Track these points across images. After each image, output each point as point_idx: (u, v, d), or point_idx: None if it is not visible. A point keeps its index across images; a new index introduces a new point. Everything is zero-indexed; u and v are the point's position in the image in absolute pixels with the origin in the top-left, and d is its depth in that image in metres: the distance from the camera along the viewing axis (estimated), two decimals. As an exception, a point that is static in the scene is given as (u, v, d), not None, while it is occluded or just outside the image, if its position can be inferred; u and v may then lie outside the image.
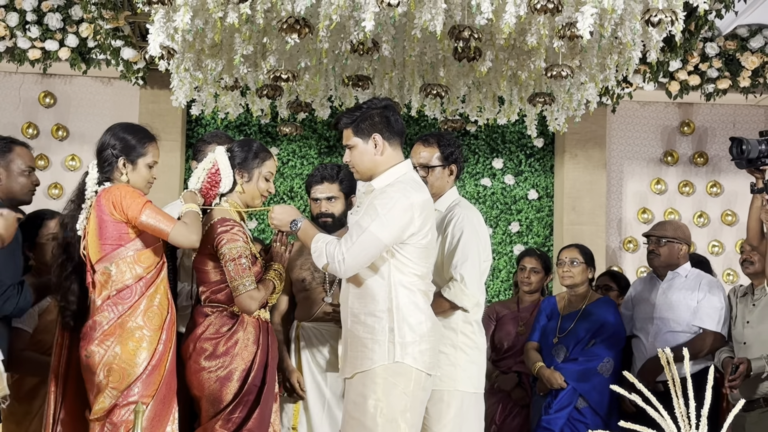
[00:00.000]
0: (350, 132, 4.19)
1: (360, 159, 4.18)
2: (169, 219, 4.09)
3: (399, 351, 4.01)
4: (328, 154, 8.23)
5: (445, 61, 5.69)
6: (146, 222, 4.05)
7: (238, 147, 4.47)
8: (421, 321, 4.08)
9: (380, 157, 4.16)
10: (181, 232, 4.09)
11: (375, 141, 4.15)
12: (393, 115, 4.21)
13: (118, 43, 7.17)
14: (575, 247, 6.17)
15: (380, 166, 4.17)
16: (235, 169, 4.42)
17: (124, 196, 4.07)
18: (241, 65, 5.59)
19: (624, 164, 8.49)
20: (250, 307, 4.21)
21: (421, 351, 4.05)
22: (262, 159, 4.47)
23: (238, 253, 4.20)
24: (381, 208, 4.00)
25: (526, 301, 6.48)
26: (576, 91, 5.96)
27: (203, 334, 4.26)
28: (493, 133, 8.29)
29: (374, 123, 4.17)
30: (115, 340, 4.04)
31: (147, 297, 4.11)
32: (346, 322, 4.18)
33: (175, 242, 4.12)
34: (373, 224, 3.98)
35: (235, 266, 4.20)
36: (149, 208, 4.07)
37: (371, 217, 3.99)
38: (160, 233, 4.08)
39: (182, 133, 8.00)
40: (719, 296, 5.85)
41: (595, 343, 5.80)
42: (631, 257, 8.42)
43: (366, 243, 3.98)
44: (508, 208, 8.29)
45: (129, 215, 4.05)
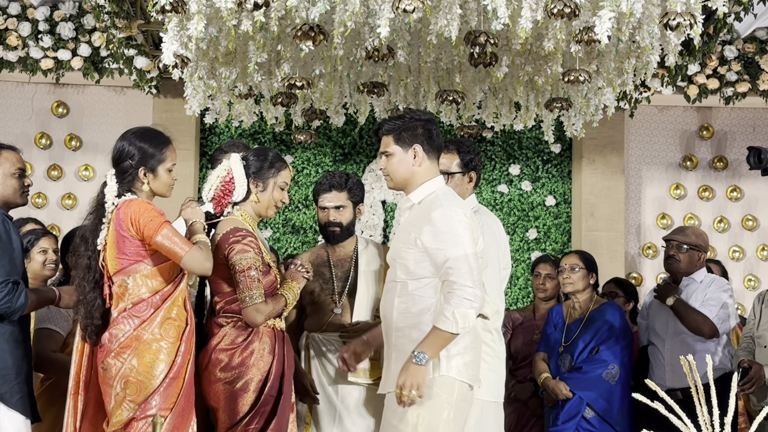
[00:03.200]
0: (391, 139, 4.22)
1: (397, 168, 4.21)
2: (184, 242, 4.06)
3: (444, 364, 4.02)
4: (343, 162, 8.23)
5: (461, 67, 5.69)
6: (161, 243, 4.04)
7: (253, 156, 4.47)
8: (466, 334, 4.08)
9: (418, 168, 4.19)
10: (196, 258, 4.06)
11: (415, 152, 4.19)
12: (435, 130, 4.25)
13: (131, 51, 7.19)
14: (575, 253, 6.18)
15: (416, 178, 4.20)
16: (250, 178, 4.42)
17: (141, 214, 4.05)
18: (255, 73, 5.61)
19: (642, 169, 8.47)
20: (255, 320, 4.21)
21: (465, 363, 4.06)
22: (278, 168, 4.47)
23: (248, 264, 4.20)
24: (448, 227, 4.02)
25: (542, 308, 6.47)
26: (593, 96, 5.95)
27: (218, 345, 4.27)
28: (510, 139, 8.28)
29: (416, 134, 4.20)
30: (132, 352, 4.04)
31: (163, 310, 4.09)
32: (389, 336, 4.18)
33: (187, 268, 4.09)
34: (466, 245, 4.00)
35: (243, 277, 4.20)
36: (166, 228, 4.04)
37: (453, 241, 4.00)
38: (174, 256, 4.06)
39: (196, 142, 8.02)
40: (724, 294, 5.85)
41: (600, 350, 5.79)
42: (651, 263, 8.40)
43: (476, 264, 4.00)
44: (525, 215, 8.27)
45: (145, 234, 4.04)
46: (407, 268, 4.12)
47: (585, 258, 6.05)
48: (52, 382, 4.96)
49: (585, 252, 6.27)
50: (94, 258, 4.18)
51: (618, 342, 5.78)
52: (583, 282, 5.96)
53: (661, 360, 5.90)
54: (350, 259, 5.11)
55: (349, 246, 5.13)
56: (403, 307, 4.12)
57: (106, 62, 7.46)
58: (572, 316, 5.97)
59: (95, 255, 4.17)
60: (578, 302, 5.98)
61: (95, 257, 4.17)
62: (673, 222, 8.37)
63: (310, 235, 8.18)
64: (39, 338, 4.93)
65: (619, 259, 8.08)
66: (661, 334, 5.96)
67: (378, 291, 5.04)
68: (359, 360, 4.72)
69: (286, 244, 8.17)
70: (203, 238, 4.19)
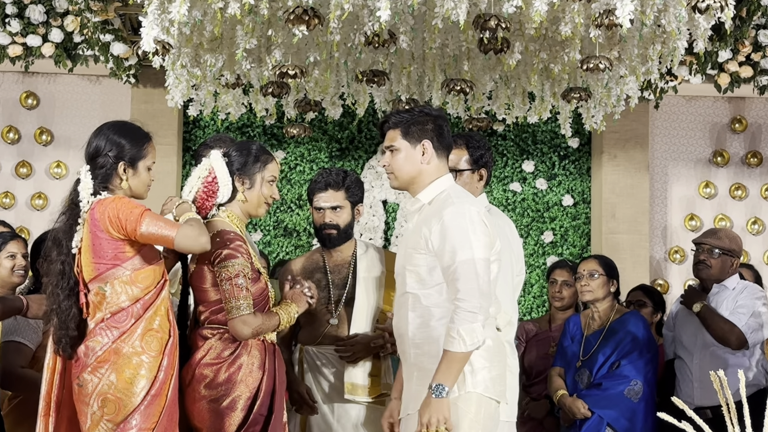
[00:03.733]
0: (398, 133, 4.23)
1: (402, 164, 4.22)
2: (171, 224, 4.07)
3: (470, 380, 4.02)
4: (340, 158, 8.25)
5: (470, 54, 5.70)
6: (147, 232, 4.04)
7: (235, 151, 4.46)
8: (489, 346, 4.09)
9: (426, 166, 4.20)
10: (188, 235, 4.06)
11: (424, 148, 4.20)
12: (446, 127, 4.27)
13: (107, 37, 7.20)
14: (594, 258, 6.18)
15: (424, 177, 4.21)
16: (234, 175, 4.42)
17: (120, 209, 4.05)
18: (243, 60, 5.62)
19: (669, 166, 8.48)
20: (241, 333, 4.20)
21: (492, 378, 4.07)
22: (264, 162, 4.47)
23: (235, 271, 4.20)
24: (457, 227, 4.02)
25: (559, 319, 6.48)
26: (615, 86, 5.96)
27: (203, 359, 4.25)
28: (523, 132, 8.29)
29: (426, 129, 4.21)
30: (110, 367, 4.03)
31: (145, 320, 4.08)
32: (407, 355, 4.18)
33: (182, 248, 4.09)
34: (475, 249, 3.99)
35: (230, 286, 4.19)
36: (147, 216, 4.05)
37: (462, 243, 3.99)
38: (164, 241, 4.07)
39: (178, 137, 8.03)
40: (758, 302, 5.86)
41: (622, 365, 5.79)
42: (678, 269, 8.41)
43: (483, 272, 3.99)
44: (540, 216, 8.29)
45: (128, 229, 4.03)
46: (419, 277, 4.12)
47: (605, 263, 6.06)
48: (21, 400, 4.96)
49: (605, 257, 6.27)
50: (68, 263, 4.17)
51: (641, 355, 5.79)
52: (603, 290, 5.97)
53: (688, 375, 5.91)
54: (348, 264, 5.12)
55: (347, 250, 5.14)
56: (419, 321, 4.12)
57: (80, 49, 7.46)
58: (591, 327, 5.98)
59: (69, 259, 4.17)
60: (598, 312, 5.98)
61: (69, 262, 4.17)
62: (702, 223, 8.38)
63: (303, 238, 8.19)
64: (6, 352, 4.93)
65: (643, 265, 8.09)
66: (689, 347, 5.96)
67: (379, 300, 5.05)
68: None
69: (278, 248, 8.18)
70: (193, 215, 4.20)
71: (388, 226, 8.21)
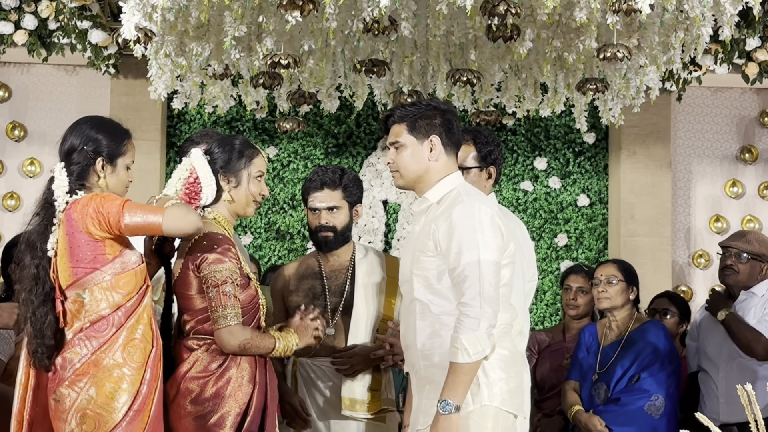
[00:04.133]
0: (403, 128, 4.23)
1: (408, 161, 4.22)
2: (155, 209, 4.06)
3: (486, 392, 4.03)
4: (337, 154, 8.25)
5: (477, 42, 5.70)
6: (132, 222, 4.04)
7: (217, 147, 4.45)
8: (506, 356, 4.10)
9: (434, 163, 4.20)
10: (175, 216, 4.05)
11: (432, 144, 4.20)
12: (456, 122, 4.27)
13: (84, 24, 7.20)
14: (612, 263, 6.18)
15: (431, 175, 4.21)
16: (219, 174, 4.40)
17: (101, 203, 4.05)
18: (232, 49, 5.61)
19: (692, 163, 8.48)
20: (228, 345, 4.19)
21: (510, 390, 4.08)
22: (249, 157, 4.46)
23: (222, 278, 4.19)
24: (466, 226, 4.02)
25: (574, 328, 6.48)
26: (634, 76, 5.96)
27: (188, 372, 4.25)
28: (535, 127, 8.30)
29: (434, 124, 4.22)
30: (89, 380, 4.03)
31: (127, 329, 4.08)
32: (416, 368, 4.18)
33: (172, 231, 4.08)
34: (483, 250, 3.99)
35: (217, 294, 4.18)
36: (129, 205, 4.04)
37: (469, 244, 3.99)
38: (152, 228, 4.06)
39: (162, 132, 8.03)
40: None
41: (642, 378, 5.79)
42: (702, 274, 8.41)
43: (489, 276, 3.98)
44: (553, 217, 8.29)
45: (112, 223, 4.03)
46: (428, 282, 4.12)
47: (624, 269, 6.05)
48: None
49: (624, 262, 6.27)
50: (43, 267, 4.16)
51: (663, 368, 5.79)
52: (622, 297, 5.96)
53: (713, 389, 5.91)
54: (346, 269, 5.12)
55: (345, 254, 5.14)
56: (428, 331, 4.12)
57: (55, 36, 7.46)
58: (608, 338, 5.98)
59: (45, 263, 4.17)
60: (615, 321, 5.98)
61: (45, 266, 4.16)
62: (729, 225, 8.38)
63: (297, 241, 8.19)
64: (-25, 366, 4.94)
65: (664, 270, 8.09)
66: (714, 359, 5.96)
67: (379, 308, 5.05)
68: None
69: (270, 252, 8.18)
70: (175, 201, 4.20)
71: (388, 228, 8.20)
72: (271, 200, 8.19)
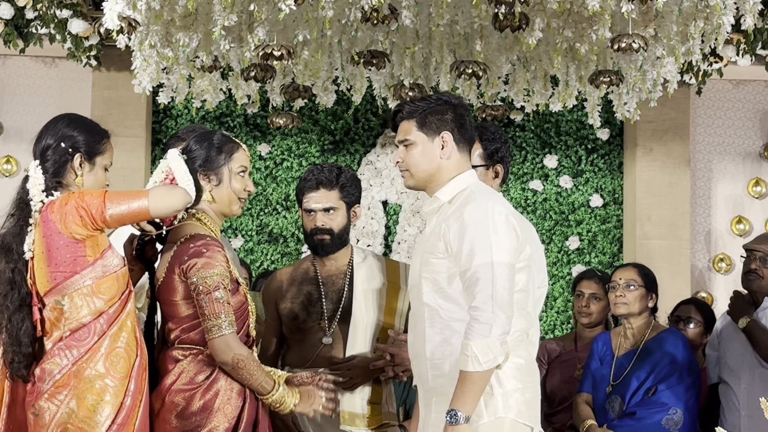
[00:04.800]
0: (413, 125, 4.23)
1: (419, 160, 4.22)
2: (137, 193, 4.08)
3: (501, 404, 4.03)
4: (334, 152, 8.25)
5: (483, 32, 5.70)
6: (116, 212, 4.03)
7: (195, 144, 4.44)
8: (522, 365, 4.10)
9: (446, 161, 4.21)
10: (161, 194, 4.08)
11: (443, 141, 4.21)
12: (468, 117, 4.28)
13: (64, 13, 7.20)
14: (632, 266, 6.17)
15: (443, 174, 4.22)
16: (198, 173, 4.40)
17: (82, 198, 4.03)
18: (221, 39, 5.61)
19: (713, 161, 8.49)
20: (223, 356, 4.17)
21: (525, 401, 4.08)
22: (229, 152, 4.45)
23: (214, 283, 4.17)
24: (478, 226, 4.02)
25: (586, 337, 6.48)
26: (650, 69, 5.96)
27: (174, 384, 4.24)
28: (545, 122, 8.30)
29: (445, 120, 4.23)
30: (70, 392, 4.03)
31: (109, 337, 4.08)
32: (424, 378, 4.18)
33: (161, 210, 4.08)
34: (496, 252, 3.99)
35: (209, 301, 4.16)
36: (109, 195, 4.05)
37: (481, 244, 3.99)
38: (139, 214, 4.07)
39: (147, 128, 8.04)
40: None
41: (659, 390, 5.79)
42: (724, 279, 8.41)
43: (502, 278, 3.98)
44: (564, 219, 8.29)
45: (96, 216, 4.03)
46: (438, 286, 4.12)
47: (645, 274, 6.04)
48: None
49: (645, 266, 6.23)
50: (19, 270, 4.16)
51: (681, 380, 5.79)
52: (640, 303, 5.96)
53: (734, 402, 5.91)
54: (344, 275, 5.11)
55: (343, 258, 5.14)
56: (438, 339, 4.12)
57: (33, 26, 7.46)
58: (623, 347, 5.98)
59: (21, 266, 4.16)
60: (631, 329, 5.98)
61: (21, 269, 4.16)
62: (752, 227, 8.39)
63: (291, 244, 8.20)
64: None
65: (683, 275, 8.09)
66: (736, 369, 5.96)
67: (379, 315, 5.05)
68: None
69: (262, 256, 8.18)
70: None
71: (388, 230, 8.21)
72: (264, 201, 8.19)
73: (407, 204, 8.10)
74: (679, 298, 7.03)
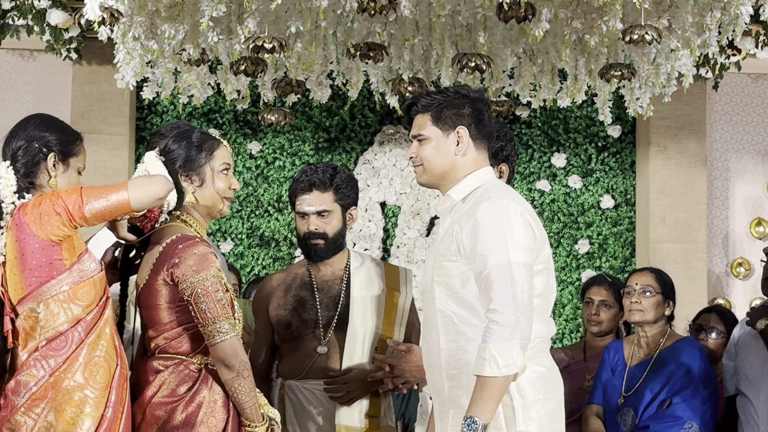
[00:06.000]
0: (428, 119, 4.23)
1: (433, 155, 4.22)
2: (114, 186, 4.09)
3: (521, 416, 4.01)
4: (328, 150, 8.25)
5: (486, 23, 5.70)
6: (96, 208, 4.03)
7: (173, 144, 4.42)
8: (543, 374, 4.09)
9: (461, 158, 4.20)
10: (141, 184, 4.09)
11: (459, 136, 4.20)
12: (486, 112, 4.27)
13: (43, 3, 7.19)
14: (650, 271, 6.16)
15: (458, 171, 4.21)
16: (179, 174, 4.39)
17: (56, 198, 4.04)
18: (209, 31, 5.61)
19: (731, 159, 8.49)
20: (232, 360, 4.15)
21: (547, 413, 4.06)
22: (209, 150, 4.44)
23: (213, 285, 4.16)
24: (493, 225, 4.00)
25: (596, 346, 6.48)
26: (664, 62, 5.97)
27: (154, 397, 4.23)
28: (553, 119, 8.30)
29: (462, 114, 4.22)
30: (48, 405, 4.03)
31: (88, 345, 4.08)
32: (439, 389, 4.17)
33: (143, 201, 4.08)
34: (512, 251, 3.97)
35: (212, 303, 4.12)
36: (85, 191, 4.05)
37: (497, 244, 3.97)
38: (119, 208, 4.06)
39: (130, 125, 8.03)
40: None
41: (674, 403, 5.79)
42: (742, 285, 8.41)
43: (521, 280, 3.95)
44: (573, 221, 8.29)
45: (75, 214, 4.03)
46: (451, 290, 4.10)
47: (662, 280, 6.02)
48: None
49: (663, 272, 6.19)
50: None
51: (697, 392, 5.79)
52: (656, 311, 5.95)
53: (753, 416, 5.91)
54: (340, 280, 5.11)
55: (338, 263, 5.13)
56: (452, 346, 4.11)
57: (10, 17, 7.46)
58: (637, 357, 5.97)
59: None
60: (645, 338, 5.97)
61: None
62: (772, 230, 8.40)
63: (284, 248, 8.19)
64: None
65: (699, 281, 8.09)
66: (755, 380, 5.96)
67: (378, 323, 5.04)
68: None
69: (252, 261, 8.18)
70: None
71: (387, 233, 8.21)
72: (255, 202, 8.19)
73: (407, 205, 8.09)
74: (694, 305, 7.03)
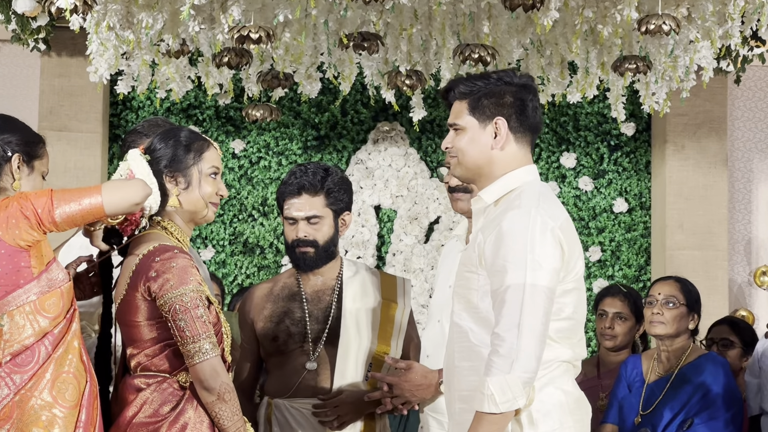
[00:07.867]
0: (465, 107, 4.13)
1: (468, 148, 4.10)
2: (87, 189, 4.08)
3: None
4: (318, 149, 8.25)
5: (491, 12, 5.71)
6: (66, 212, 4.03)
7: (159, 143, 4.43)
8: (562, 402, 4.02)
9: (498, 152, 4.09)
10: (116, 187, 4.10)
11: (496, 128, 4.07)
12: (532, 101, 4.13)
13: (9, -11, 7.22)
14: (675, 281, 6.12)
15: (495, 167, 4.10)
16: (164, 175, 4.39)
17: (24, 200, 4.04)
18: (190, 20, 5.62)
19: (754, 159, 8.50)
20: (212, 383, 4.16)
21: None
22: (198, 151, 4.44)
23: (193, 300, 4.15)
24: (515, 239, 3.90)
25: (610, 362, 6.48)
26: (683, 54, 5.97)
27: (136, 417, 4.22)
28: (562, 115, 8.31)
29: (502, 103, 4.10)
30: (13, 427, 4.03)
31: (55, 361, 4.09)
32: (452, 410, 4.14)
33: (117, 206, 4.08)
34: (531, 272, 3.86)
35: (190, 321, 4.13)
36: (56, 195, 4.05)
37: (516, 261, 3.88)
38: (92, 212, 4.06)
39: (104, 122, 8.04)
40: None
41: (695, 424, 5.79)
42: (766, 296, 8.42)
43: (534, 304, 3.86)
44: (584, 226, 8.30)
45: (44, 219, 4.02)
46: (469, 304, 4.04)
47: (688, 290, 5.96)
48: None
49: (688, 282, 6.10)
50: None
51: (720, 412, 5.79)
52: (679, 324, 5.92)
53: (778, 436, 5.93)
54: (331, 291, 5.10)
55: (330, 273, 5.12)
56: (466, 366, 4.05)
57: (-27, 5, 7.48)
58: (656, 372, 5.97)
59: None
60: (666, 352, 5.95)
61: None
62: (798, 236, 8.42)
63: (270, 256, 8.19)
64: None
65: (720, 290, 8.10)
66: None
67: (372, 338, 5.03)
68: None
69: (235, 270, 8.18)
70: None
71: (381, 240, 8.21)
72: (238, 206, 8.20)
73: (403, 209, 8.10)
74: (715, 316, 7.04)
